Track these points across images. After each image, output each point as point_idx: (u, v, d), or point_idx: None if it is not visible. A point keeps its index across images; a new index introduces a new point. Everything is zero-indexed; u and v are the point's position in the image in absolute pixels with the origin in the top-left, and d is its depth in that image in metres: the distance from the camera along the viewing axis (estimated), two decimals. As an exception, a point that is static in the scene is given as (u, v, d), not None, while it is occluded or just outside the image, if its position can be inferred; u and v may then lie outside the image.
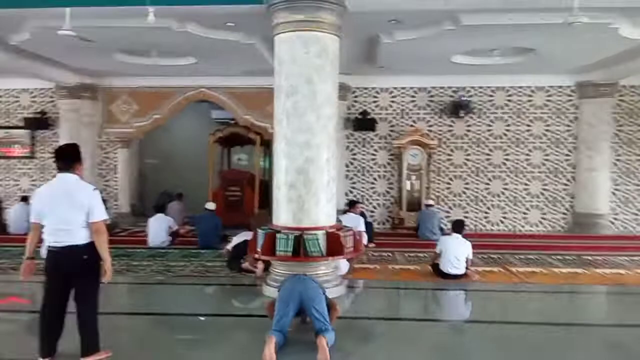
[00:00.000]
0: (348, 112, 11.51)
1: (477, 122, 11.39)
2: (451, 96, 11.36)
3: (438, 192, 11.42)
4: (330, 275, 5.78)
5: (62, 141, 11.34)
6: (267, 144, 12.26)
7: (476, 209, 11.47)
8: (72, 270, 3.73)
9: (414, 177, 11.23)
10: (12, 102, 11.98)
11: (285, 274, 5.70)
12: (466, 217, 11.40)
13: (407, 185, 11.21)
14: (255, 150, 11.83)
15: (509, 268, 7.43)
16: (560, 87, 11.18)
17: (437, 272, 6.72)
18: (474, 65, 9.68)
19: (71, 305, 3.79)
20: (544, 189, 11.35)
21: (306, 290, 4.12)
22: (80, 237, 3.70)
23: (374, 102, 11.58)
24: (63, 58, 9.37)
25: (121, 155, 12.00)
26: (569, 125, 11.22)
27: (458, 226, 6.75)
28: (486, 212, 11.45)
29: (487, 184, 11.43)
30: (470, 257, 6.59)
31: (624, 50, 8.33)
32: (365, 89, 11.55)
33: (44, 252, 3.82)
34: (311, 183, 5.64)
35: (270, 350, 3.68)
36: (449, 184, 11.47)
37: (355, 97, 11.59)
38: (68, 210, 3.67)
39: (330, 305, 4.22)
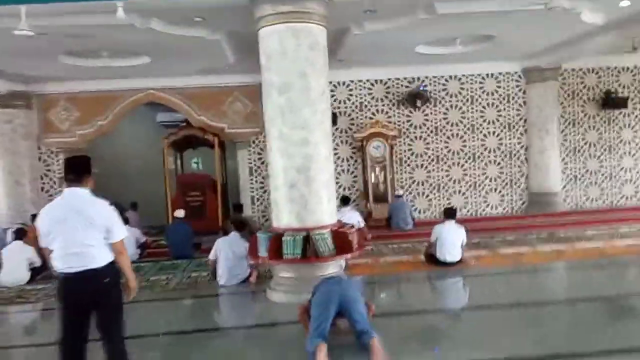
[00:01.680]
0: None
1: (434, 111, 11.60)
2: (407, 87, 11.48)
3: (402, 182, 11.53)
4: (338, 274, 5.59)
5: (-3, 155, 10.29)
6: (222, 146, 11.85)
7: (439, 196, 11.70)
8: (91, 298, 3.29)
9: (378, 169, 11.24)
10: None
11: (291, 278, 5.48)
12: (429, 204, 11.64)
13: (372, 178, 11.20)
14: (214, 153, 11.32)
15: (496, 250, 7.61)
16: (508, 73, 11.62)
17: (432, 260, 6.72)
18: (434, 55, 9.81)
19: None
20: (500, 172, 11.79)
21: (346, 292, 3.91)
22: (100, 259, 3.27)
23: (332, 96, 11.42)
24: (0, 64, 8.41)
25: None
26: (519, 110, 11.71)
27: (451, 213, 6.80)
28: (449, 199, 11.70)
29: (447, 171, 11.69)
30: (465, 242, 6.65)
31: (575, 34, 8.76)
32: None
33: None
34: (313, 181, 5.43)
35: (324, 359, 3.45)
36: (411, 173, 11.62)
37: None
38: (82, 230, 3.22)
39: (367, 306, 4.05)
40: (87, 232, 3.23)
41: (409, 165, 11.60)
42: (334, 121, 11.24)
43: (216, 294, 6.30)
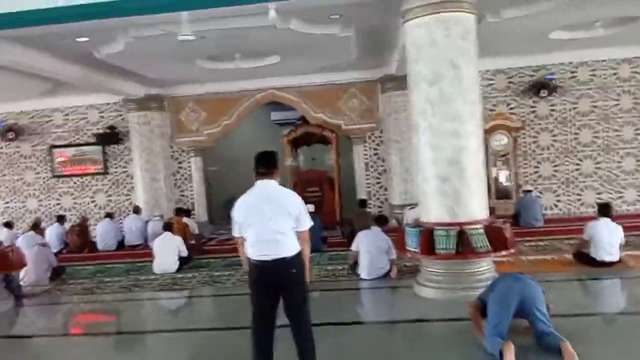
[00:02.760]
0: (424, 102, 11.07)
1: (562, 100, 10.86)
2: (531, 76, 10.86)
3: (526, 176, 10.93)
4: (489, 272, 5.41)
5: (136, 154, 11.21)
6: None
7: (568, 191, 10.96)
8: (281, 285, 3.43)
9: (500, 163, 10.77)
10: (80, 119, 11.83)
11: (442, 274, 5.38)
12: (558, 200, 10.94)
13: (494, 172, 10.74)
14: (327, 149, 11.46)
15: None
16: (646, 57, 10.61)
17: (585, 260, 6.28)
18: (565, 40, 9.17)
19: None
20: (639, 165, 10.78)
21: (526, 290, 3.74)
22: (289, 249, 3.39)
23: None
24: (142, 69, 9.13)
25: (194, 164, 11.79)
26: (660, 96, 10.65)
27: (606, 210, 6.32)
28: (579, 195, 10.92)
29: (578, 164, 10.91)
30: (623, 242, 6.14)
31: None
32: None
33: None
34: (465, 174, 5.27)
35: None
36: (537, 167, 10.97)
37: (431, 85, 11.14)
38: (276, 219, 3.36)
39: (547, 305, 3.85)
40: (280, 220, 3.36)
41: (534, 158, 10.97)
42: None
43: (357, 287, 6.35)
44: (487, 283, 5.24)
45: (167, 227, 8.07)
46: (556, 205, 10.96)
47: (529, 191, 9.84)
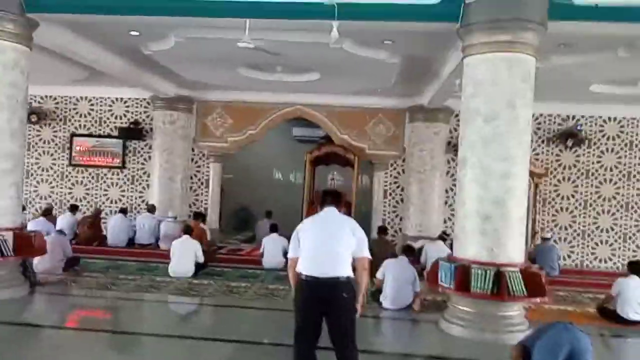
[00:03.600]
0: (450, 136, 11.12)
1: (587, 152, 10.92)
2: (560, 125, 10.93)
3: (543, 224, 10.90)
4: (519, 317, 5.33)
5: (157, 153, 11.18)
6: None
7: (583, 243, 10.93)
8: (329, 305, 3.43)
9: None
10: (105, 110, 11.79)
11: (472, 313, 5.30)
12: (572, 251, 10.90)
13: (513, 215, 10.70)
14: (347, 171, 11.42)
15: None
16: (675, 119, 10.70)
17: (609, 316, 6.20)
18: (605, 94, 9.24)
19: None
20: (657, 227, 10.79)
21: (577, 342, 3.64)
22: (343, 270, 3.42)
23: (479, 127, 11.17)
24: (182, 69, 9.14)
25: (213, 170, 11.73)
26: (685, 160, 10.70)
27: (638, 267, 6.25)
28: (593, 248, 10.89)
29: (596, 218, 10.89)
30: (653, 301, 6.08)
31: None
32: (470, 113, 11.14)
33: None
34: (508, 215, 5.24)
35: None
36: (555, 216, 10.97)
37: (458, 120, 11.16)
38: (336, 240, 3.45)
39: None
40: (340, 242, 3.45)
41: (553, 207, 10.97)
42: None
43: (379, 315, 6.25)
44: (518, 327, 5.22)
45: (188, 230, 7.96)
46: (569, 256, 10.91)
47: (547, 239, 9.78)
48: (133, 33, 7.10)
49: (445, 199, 11.09)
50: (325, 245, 3.44)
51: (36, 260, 6.90)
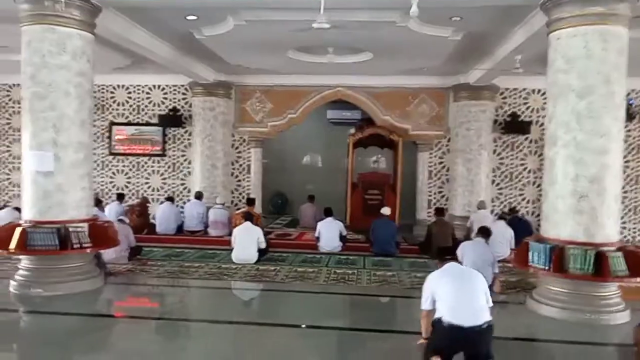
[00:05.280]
0: (496, 114, 10.91)
1: (638, 126, 10.69)
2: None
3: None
4: (616, 297, 5.21)
5: (198, 139, 11.06)
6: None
7: (635, 219, 10.77)
8: (470, 353, 3.60)
9: (569, 184, 10.56)
10: (143, 98, 11.64)
11: (566, 293, 5.19)
12: (623, 227, 10.72)
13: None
14: (397, 153, 11.25)
15: None
16: None
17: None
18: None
19: None
20: None
21: None
22: (484, 319, 3.55)
23: (525, 104, 10.96)
24: (231, 54, 8.95)
25: (254, 155, 11.60)
26: None
27: None
28: (645, 224, 10.73)
29: (647, 193, 10.72)
30: None
31: None
32: (515, 89, 10.92)
33: None
34: (605, 193, 5.10)
35: None
36: (605, 192, 10.77)
37: (504, 98, 10.98)
38: (473, 292, 3.68)
39: None
40: (477, 294, 3.67)
41: (603, 183, 10.76)
42: (525, 130, 10.84)
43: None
44: (616, 307, 5.11)
45: (249, 217, 7.88)
46: (621, 232, 10.74)
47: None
48: (190, 17, 6.93)
49: (492, 179, 10.94)
50: (465, 299, 3.61)
51: (102, 251, 6.84)
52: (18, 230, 5.49)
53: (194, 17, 6.93)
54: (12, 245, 5.49)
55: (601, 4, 4.99)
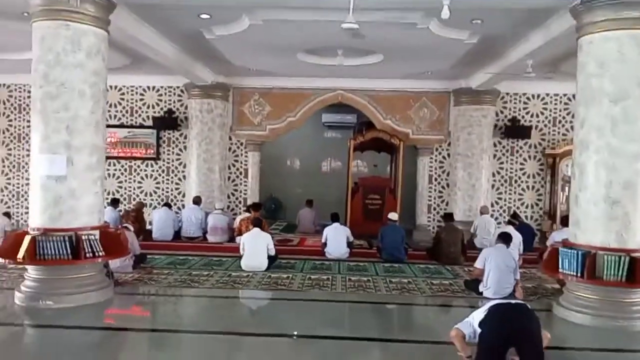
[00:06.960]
0: (496, 119, 10.94)
1: None
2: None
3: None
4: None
5: (194, 142, 10.80)
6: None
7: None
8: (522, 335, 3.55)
9: (568, 189, 10.65)
10: (136, 100, 11.27)
11: (596, 299, 5.15)
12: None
13: (562, 198, 10.64)
14: (398, 157, 11.16)
15: None
16: None
17: None
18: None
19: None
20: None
21: None
22: None
23: (524, 108, 11.03)
24: (237, 55, 8.71)
25: (252, 159, 11.36)
26: None
27: None
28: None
29: None
30: None
31: None
32: (516, 94, 10.98)
33: None
34: (639, 199, 5.05)
35: None
36: (602, 196, 10.89)
37: (504, 102, 11.02)
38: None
39: None
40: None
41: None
42: (525, 135, 10.88)
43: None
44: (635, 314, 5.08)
45: (258, 223, 7.63)
46: None
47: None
48: (203, 16, 6.68)
49: (492, 183, 10.95)
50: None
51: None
52: (27, 239, 5.13)
53: (207, 16, 6.68)
54: (20, 254, 5.13)
55: (636, 8, 4.97)
